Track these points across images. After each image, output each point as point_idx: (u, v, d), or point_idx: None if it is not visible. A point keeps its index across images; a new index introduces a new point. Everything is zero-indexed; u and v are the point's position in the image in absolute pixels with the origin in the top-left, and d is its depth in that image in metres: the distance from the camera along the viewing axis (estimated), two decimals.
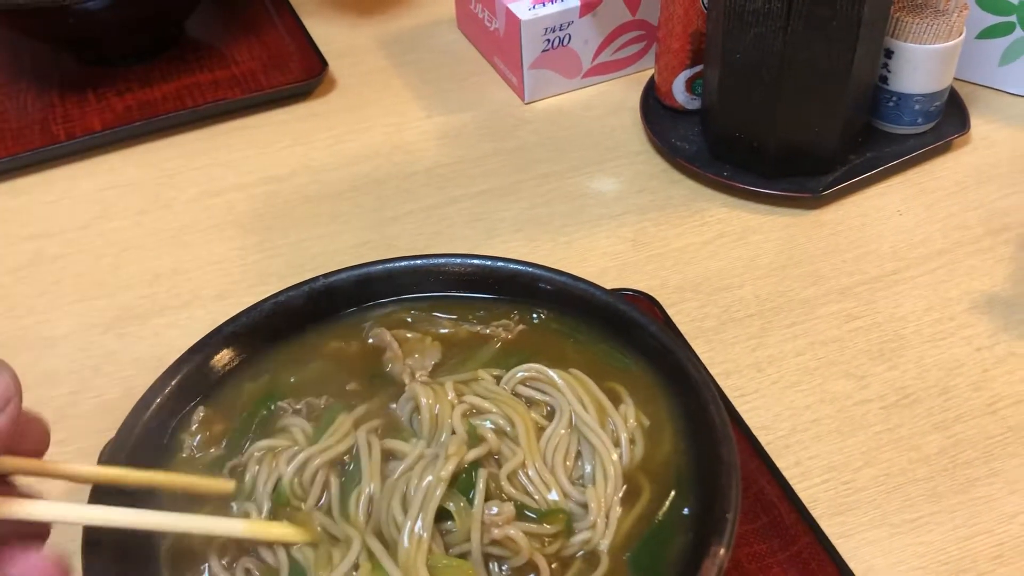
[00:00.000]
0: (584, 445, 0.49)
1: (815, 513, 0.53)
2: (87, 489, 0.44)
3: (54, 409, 0.62)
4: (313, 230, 0.75)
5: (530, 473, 0.47)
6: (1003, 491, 0.55)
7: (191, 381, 0.49)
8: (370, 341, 0.54)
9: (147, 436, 0.47)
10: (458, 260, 0.56)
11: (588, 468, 0.48)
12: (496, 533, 0.43)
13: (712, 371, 0.61)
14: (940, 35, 0.73)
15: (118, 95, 0.88)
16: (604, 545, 0.45)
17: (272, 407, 0.51)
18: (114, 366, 0.65)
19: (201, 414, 0.50)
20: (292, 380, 0.52)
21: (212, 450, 0.49)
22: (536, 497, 0.46)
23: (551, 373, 0.51)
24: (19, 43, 0.95)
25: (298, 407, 0.50)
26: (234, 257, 0.73)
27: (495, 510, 0.44)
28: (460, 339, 0.55)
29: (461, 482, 0.45)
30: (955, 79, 0.79)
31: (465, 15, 0.94)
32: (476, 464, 0.46)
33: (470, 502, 0.44)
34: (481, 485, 0.44)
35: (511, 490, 0.46)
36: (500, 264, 0.55)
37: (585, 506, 0.46)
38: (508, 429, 0.48)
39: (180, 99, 0.87)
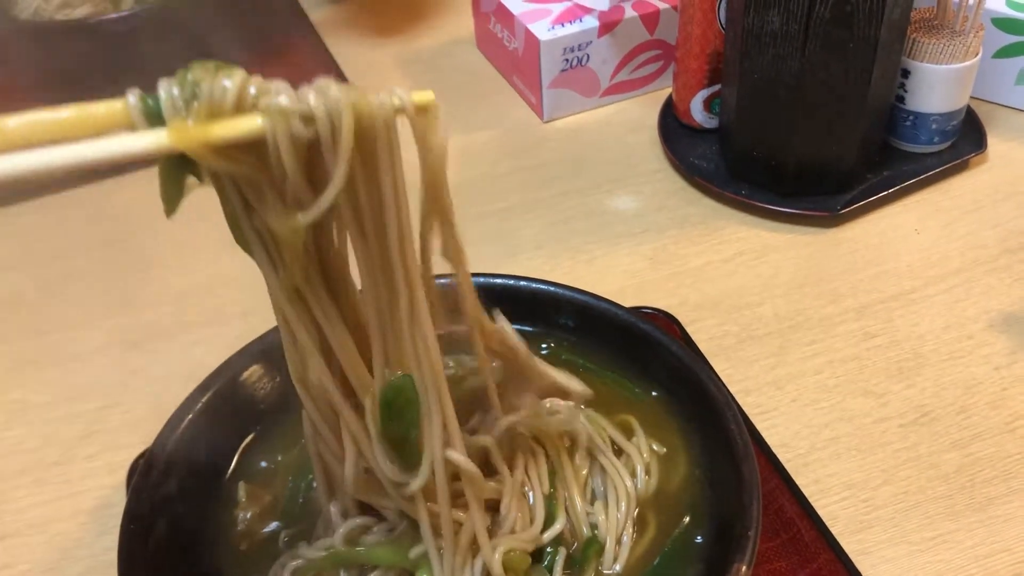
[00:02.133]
0: (597, 470, 0.49)
1: (834, 530, 0.54)
2: None
3: (82, 424, 0.63)
4: None
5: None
6: (1022, 510, 0.55)
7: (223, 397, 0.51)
8: None
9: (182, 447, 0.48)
10: (481, 280, 0.57)
11: (600, 489, 0.48)
12: None
13: (731, 389, 0.62)
14: (956, 55, 0.74)
15: None
16: (617, 568, 0.45)
17: None
18: (142, 382, 0.66)
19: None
20: None
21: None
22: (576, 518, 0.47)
23: (562, 403, 0.52)
24: (50, 61, 0.96)
25: None
26: (260, 275, 0.74)
27: None
28: (460, 378, 0.55)
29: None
30: (972, 98, 0.80)
31: (484, 35, 0.95)
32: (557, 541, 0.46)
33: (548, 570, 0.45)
34: (559, 568, 0.45)
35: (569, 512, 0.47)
36: (523, 283, 0.56)
37: (595, 526, 0.47)
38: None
39: None
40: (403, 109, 0.36)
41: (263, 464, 0.51)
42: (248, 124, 0.33)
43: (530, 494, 0.47)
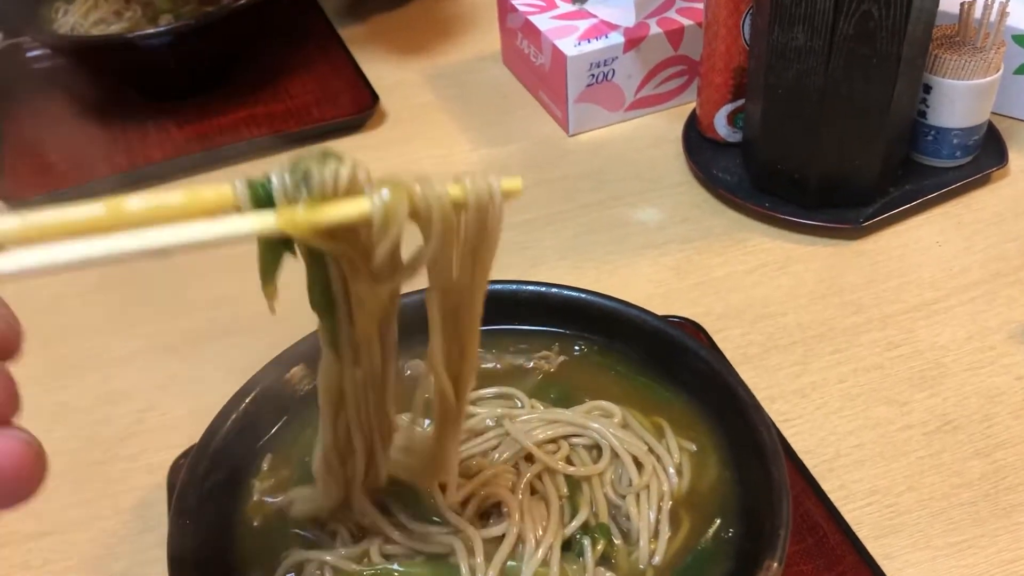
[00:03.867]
0: (623, 471, 0.51)
1: (860, 535, 0.55)
2: None
3: (122, 427, 0.65)
4: None
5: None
6: None
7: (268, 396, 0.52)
8: (407, 373, 0.56)
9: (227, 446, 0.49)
10: (513, 286, 0.58)
11: (628, 486, 0.50)
12: None
13: (757, 396, 0.62)
14: (977, 71, 0.75)
15: (178, 127, 0.92)
16: (656, 561, 0.47)
17: None
18: (179, 386, 0.67)
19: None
20: None
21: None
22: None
23: (582, 419, 0.53)
24: (86, 77, 0.99)
25: None
26: (293, 283, 0.75)
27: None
28: (501, 372, 0.57)
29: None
30: (993, 113, 0.81)
31: (511, 50, 0.97)
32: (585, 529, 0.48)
33: (578, 556, 0.47)
34: (590, 555, 0.47)
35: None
36: (553, 290, 0.58)
37: (627, 517, 0.49)
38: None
39: (236, 131, 0.91)
40: (494, 197, 0.38)
41: (287, 439, 0.54)
42: (355, 209, 0.35)
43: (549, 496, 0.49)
